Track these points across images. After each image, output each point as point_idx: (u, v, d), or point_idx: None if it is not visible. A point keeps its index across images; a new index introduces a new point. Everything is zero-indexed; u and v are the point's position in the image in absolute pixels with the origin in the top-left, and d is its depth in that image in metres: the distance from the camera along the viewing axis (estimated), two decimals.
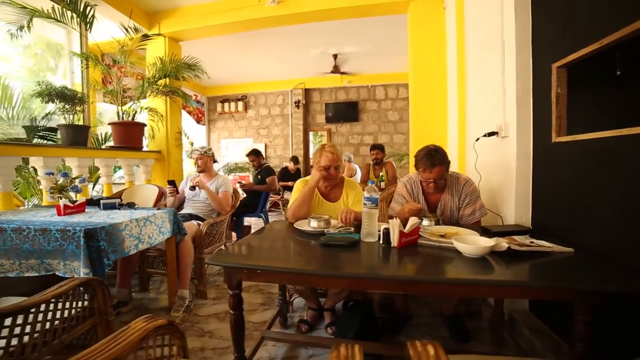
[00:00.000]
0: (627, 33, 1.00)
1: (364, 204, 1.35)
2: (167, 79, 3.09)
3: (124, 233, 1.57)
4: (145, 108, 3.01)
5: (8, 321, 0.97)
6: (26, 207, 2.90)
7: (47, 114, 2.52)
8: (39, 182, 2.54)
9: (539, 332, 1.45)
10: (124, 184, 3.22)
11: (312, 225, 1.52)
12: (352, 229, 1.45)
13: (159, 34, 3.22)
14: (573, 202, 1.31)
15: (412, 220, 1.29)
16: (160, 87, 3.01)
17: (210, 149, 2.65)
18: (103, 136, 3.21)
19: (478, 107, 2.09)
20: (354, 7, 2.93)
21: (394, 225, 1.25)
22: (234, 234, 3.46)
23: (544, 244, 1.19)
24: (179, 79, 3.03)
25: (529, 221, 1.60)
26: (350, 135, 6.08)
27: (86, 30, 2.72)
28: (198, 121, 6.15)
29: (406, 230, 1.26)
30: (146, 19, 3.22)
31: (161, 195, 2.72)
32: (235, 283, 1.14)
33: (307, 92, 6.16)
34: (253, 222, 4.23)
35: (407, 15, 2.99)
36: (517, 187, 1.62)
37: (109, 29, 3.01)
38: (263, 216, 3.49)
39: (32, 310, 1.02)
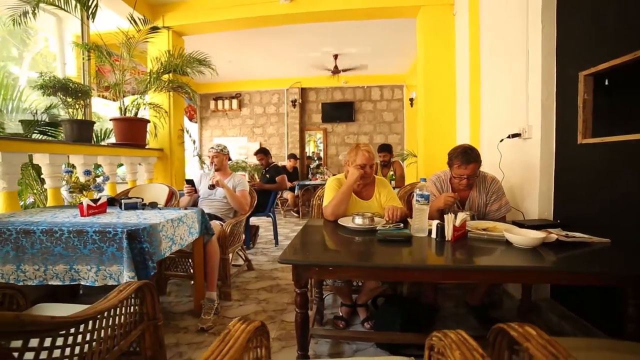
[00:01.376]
0: None
1: (417, 200, 1.40)
2: (171, 74, 2.97)
3: (161, 234, 1.50)
4: (149, 104, 2.87)
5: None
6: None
7: (47, 108, 2.32)
8: (41, 180, 2.34)
9: (566, 317, 1.58)
10: (123, 183, 3.06)
11: (357, 222, 1.55)
12: (402, 225, 1.50)
13: (163, 27, 3.07)
14: (601, 198, 1.44)
15: (462, 216, 1.37)
16: (166, 83, 2.89)
17: (226, 147, 2.59)
18: (102, 132, 3.01)
19: (495, 110, 2.23)
20: (366, 9, 2.99)
21: (449, 220, 1.31)
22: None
23: (582, 236, 1.31)
24: (186, 74, 2.93)
25: (551, 215, 1.74)
26: (345, 135, 6.16)
27: (88, 19, 2.55)
28: (190, 119, 5.93)
29: (457, 224, 1.33)
30: (150, 10, 3.06)
31: (172, 194, 2.62)
32: (304, 281, 1.14)
33: (303, 92, 6.15)
34: (257, 222, 4.16)
35: (416, 20, 3.10)
36: (540, 185, 1.75)
37: (109, 19, 2.84)
38: (272, 215, 3.45)
39: (98, 316, 0.97)
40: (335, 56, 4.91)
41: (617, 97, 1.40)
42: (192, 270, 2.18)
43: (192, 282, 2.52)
